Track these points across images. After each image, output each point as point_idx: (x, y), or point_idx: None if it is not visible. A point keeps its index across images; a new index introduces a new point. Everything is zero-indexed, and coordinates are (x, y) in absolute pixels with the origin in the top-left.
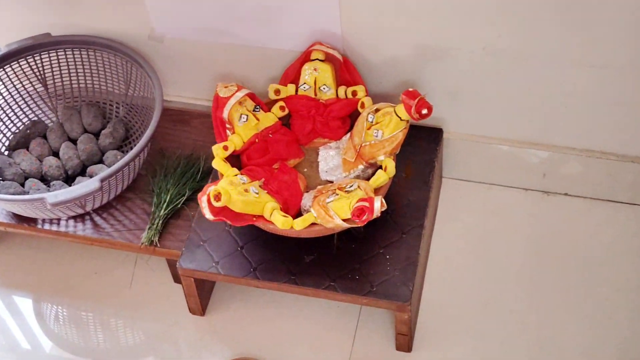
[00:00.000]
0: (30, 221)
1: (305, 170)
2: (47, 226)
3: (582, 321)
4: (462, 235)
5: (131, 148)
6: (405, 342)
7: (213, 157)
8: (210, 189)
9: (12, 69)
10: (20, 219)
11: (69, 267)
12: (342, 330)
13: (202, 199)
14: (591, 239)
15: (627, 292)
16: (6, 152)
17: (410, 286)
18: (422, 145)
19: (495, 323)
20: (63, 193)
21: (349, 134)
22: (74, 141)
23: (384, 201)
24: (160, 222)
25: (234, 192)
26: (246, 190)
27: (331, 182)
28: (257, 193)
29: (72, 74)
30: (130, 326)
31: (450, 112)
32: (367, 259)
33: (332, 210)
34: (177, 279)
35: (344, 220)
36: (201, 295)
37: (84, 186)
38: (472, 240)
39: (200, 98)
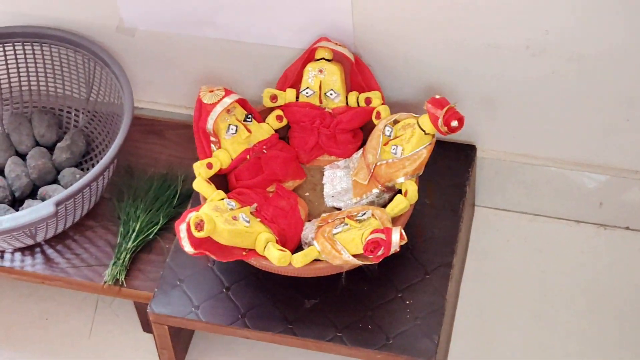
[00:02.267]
0: None
1: (307, 194)
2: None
3: None
4: (499, 277)
5: (93, 165)
6: None
7: (194, 177)
8: (191, 215)
9: None
10: None
11: (13, 311)
12: None
13: (181, 228)
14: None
15: None
16: None
17: (435, 339)
18: (451, 165)
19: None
20: (8, 220)
21: (361, 151)
22: (22, 156)
23: (403, 233)
24: (128, 256)
25: (219, 220)
26: (234, 218)
27: (339, 209)
28: (248, 221)
29: (21, 74)
30: None
31: (485, 125)
32: (382, 305)
33: (340, 244)
34: (147, 327)
35: (354, 256)
36: (177, 348)
37: (34, 211)
38: (510, 283)
39: (179, 105)
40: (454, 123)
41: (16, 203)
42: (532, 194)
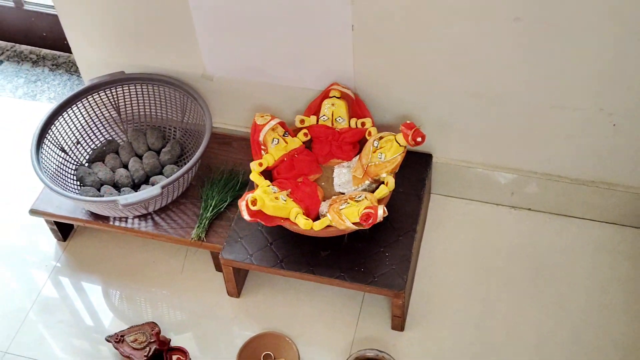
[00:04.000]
0: (103, 219)
1: (323, 184)
2: (117, 223)
3: (541, 310)
4: (446, 240)
5: (185, 163)
6: (399, 323)
7: (250, 172)
8: (248, 196)
9: (94, 99)
10: (96, 217)
11: (132, 257)
12: (349, 312)
13: (242, 204)
14: (549, 246)
15: (578, 287)
16: (87, 164)
17: (405, 278)
18: (416, 167)
19: (471, 309)
20: (132, 197)
21: (358, 156)
22: (140, 157)
23: (385, 209)
24: (207, 222)
25: (267, 199)
26: (276, 198)
27: (343, 193)
28: (285, 200)
29: (140, 104)
30: (179, 305)
31: (438, 141)
32: (371, 256)
33: (344, 215)
34: (218, 268)
35: (353, 223)
36: (237, 281)
37: (148, 192)
38: (453, 243)
39: (241, 125)
40: (419, 139)
41: (135, 187)
42: (468, 186)
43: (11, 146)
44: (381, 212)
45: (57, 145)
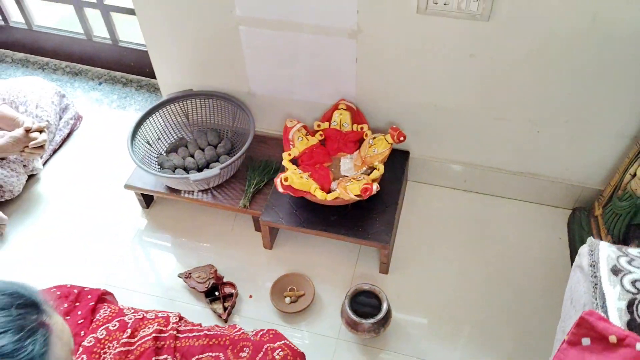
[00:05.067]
0: (176, 192)
1: (333, 169)
2: (186, 195)
3: (484, 261)
4: (418, 212)
5: (235, 155)
6: (384, 268)
7: (282, 160)
8: (282, 175)
9: (170, 108)
10: (171, 190)
11: (196, 220)
12: (349, 260)
13: (277, 180)
14: (490, 218)
15: (510, 246)
16: (165, 154)
17: (389, 235)
18: (397, 159)
19: (434, 261)
20: (199, 175)
21: (358, 151)
22: (202, 149)
23: (378, 186)
24: (250, 195)
25: (294, 177)
26: (301, 177)
27: (347, 176)
28: (307, 179)
29: (202, 112)
30: (229, 254)
31: (414, 142)
32: (366, 220)
33: (349, 190)
34: (257, 228)
35: (355, 195)
36: (270, 237)
37: (211, 172)
38: (423, 215)
39: (273, 129)
40: (402, 138)
41: (199, 170)
42: (434, 175)
43: (109, 142)
44: (375, 187)
45: (144, 140)
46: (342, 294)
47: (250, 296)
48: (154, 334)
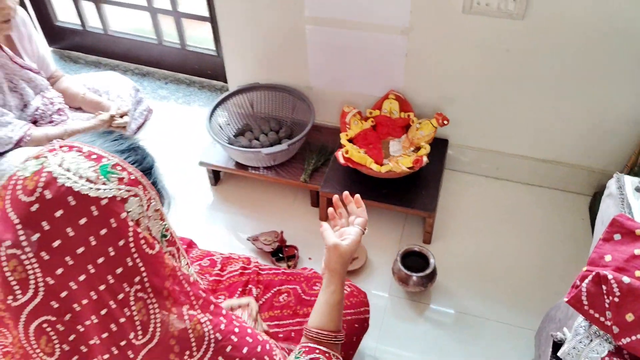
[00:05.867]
0: (244, 168)
1: (383, 150)
2: (252, 171)
3: (514, 237)
4: (453, 195)
5: (293, 136)
6: (428, 237)
7: (334, 147)
8: (343, 149)
9: (238, 98)
10: (239, 166)
11: (261, 194)
12: (397, 227)
13: (338, 153)
14: (519, 201)
15: (535, 225)
16: (234, 136)
17: (434, 206)
18: (439, 146)
19: (471, 234)
20: (271, 149)
21: (405, 135)
22: (265, 134)
23: (427, 159)
24: (309, 172)
25: (353, 151)
26: (359, 152)
27: (395, 156)
28: (364, 154)
29: (266, 103)
30: (290, 224)
31: (452, 131)
32: (413, 192)
33: (400, 163)
34: (313, 204)
35: (407, 167)
36: (326, 207)
37: (280, 147)
38: (459, 197)
39: (327, 120)
40: (445, 122)
41: None
42: (469, 164)
43: (178, 131)
44: (425, 159)
45: (217, 124)
46: (390, 259)
47: (310, 258)
48: (239, 270)
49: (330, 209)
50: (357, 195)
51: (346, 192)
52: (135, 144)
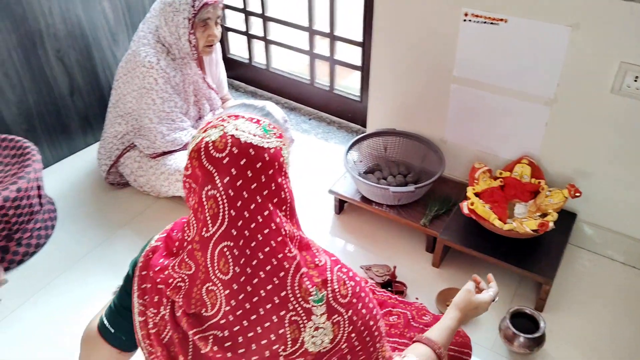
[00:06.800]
0: (369, 202)
1: (508, 211)
2: (376, 207)
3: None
4: (575, 263)
5: (419, 182)
6: (541, 305)
7: (457, 199)
8: (468, 201)
9: (374, 140)
10: (365, 200)
11: (378, 230)
12: (508, 289)
13: (463, 204)
14: None
15: None
16: (364, 173)
17: (554, 272)
18: (566, 217)
19: (590, 313)
20: (398, 189)
21: (533, 200)
22: (394, 176)
23: (553, 224)
24: (430, 218)
25: (479, 204)
26: (483, 206)
27: (519, 218)
28: (489, 210)
29: (399, 148)
30: (403, 263)
31: (582, 206)
32: (533, 256)
33: (525, 224)
34: (428, 249)
35: (532, 230)
36: (441, 255)
37: (407, 188)
38: (580, 267)
39: (455, 174)
40: (577, 194)
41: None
42: (596, 241)
43: (314, 161)
44: (551, 224)
45: (351, 159)
46: (497, 315)
47: (417, 298)
48: None
49: (475, 275)
50: (490, 275)
51: (490, 275)
52: (268, 110)
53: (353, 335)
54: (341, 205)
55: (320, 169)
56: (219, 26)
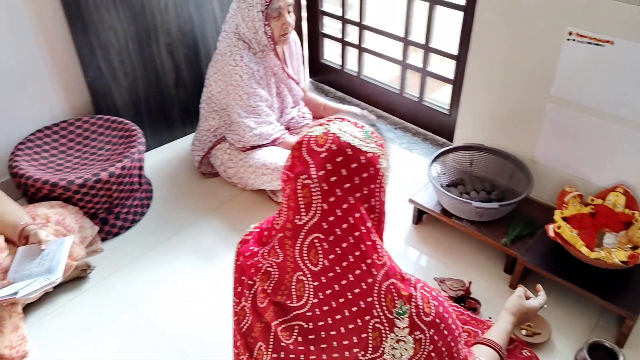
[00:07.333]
0: (448, 215)
1: (597, 239)
2: (456, 220)
3: None
4: None
5: (503, 201)
6: (622, 340)
7: (543, 222)
8: (555, 224)
9: (460, 154)
10: (444, 212)
11: (460, 244)
12: (588, 320)
13: (550, 227)
14: None
15: None
16: (446, 186)
17: (639, 307)
18: None
19: None
20: (481, 204)
21: (625, 231)
22: (477, 192)
23: None
24: (511, 238)
25: (566, 229)
26: (571, 231)
27: (608, 248)
28: (576, 235)
29: (485, 164)
30: (478, 282)
31: None
32: (619, 288)
33: (614, 254)
34: (506, 270)
35: (621, 261)
36: (520, 278)
37: (492, 204)
38: None
39: (541, 197)
40: None
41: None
42: None
43: (396, 170)
44: None
45: (435, 171)
46: (575, 345)
47: (490, 317)
48: None
49: (520, 284)
50: (539, 285)
51: (539, 285)
52: (374, 123)
53: (433, 354)
54: (419, 216)
55: (401, 178)
56: (292, 14)
